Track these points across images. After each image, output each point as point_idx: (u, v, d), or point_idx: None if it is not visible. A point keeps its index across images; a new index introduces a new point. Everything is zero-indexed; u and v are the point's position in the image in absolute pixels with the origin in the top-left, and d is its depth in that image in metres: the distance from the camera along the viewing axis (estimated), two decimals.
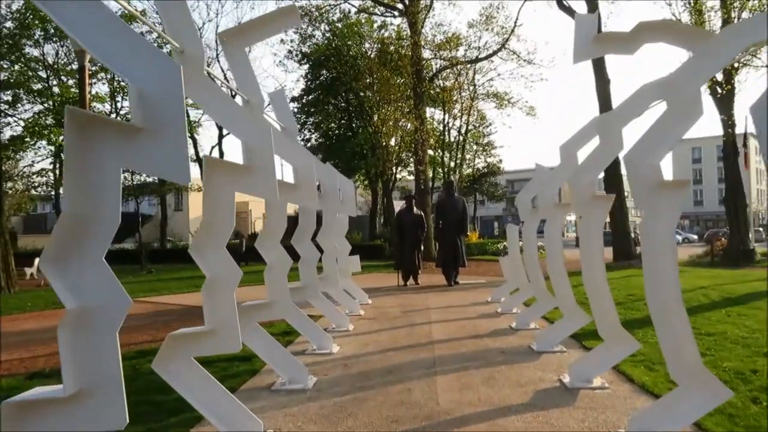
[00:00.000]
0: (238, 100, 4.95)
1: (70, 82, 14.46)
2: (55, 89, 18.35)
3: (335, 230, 9.06)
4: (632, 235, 19.85)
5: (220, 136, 26.53)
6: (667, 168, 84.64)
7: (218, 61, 25.49)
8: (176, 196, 50.69)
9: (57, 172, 18.30)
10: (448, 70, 26.22)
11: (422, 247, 14.02)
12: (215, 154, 27.11)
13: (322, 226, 7.65)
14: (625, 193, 20.31)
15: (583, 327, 6.07)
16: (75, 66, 15.90)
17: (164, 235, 31.67)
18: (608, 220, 18.50)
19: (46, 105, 18.83)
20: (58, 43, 16.77)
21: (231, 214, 3.60)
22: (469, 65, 26.43)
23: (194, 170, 28.03)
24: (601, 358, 4.77)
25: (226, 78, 24.04)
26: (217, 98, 3.64)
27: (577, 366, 4.85)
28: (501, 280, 14.01)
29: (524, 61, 25.26)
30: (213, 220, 3.55)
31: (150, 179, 30.22)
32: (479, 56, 25.81)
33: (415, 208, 13.71)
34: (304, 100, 33.58)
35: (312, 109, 33.86)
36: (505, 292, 10.30)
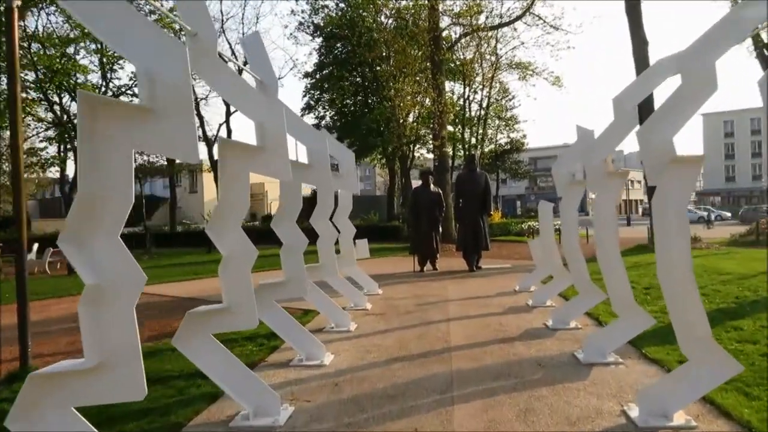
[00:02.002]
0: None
1: (51, 51, 13.33)
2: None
3: (338, 210, 7.77)
4: None
5: (228, 113, 25.24)
6: (696, 142, 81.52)
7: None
8: (191, 177, 49.91)
9: (63, 153, 17.13)
10: (468, 38, 24.48)
11: (440, 229, 12.64)
12: (223, 131, 25.91)
13: (317, 205, 6.35)
14: None
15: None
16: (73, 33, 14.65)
17: (174, 217, 30.60)
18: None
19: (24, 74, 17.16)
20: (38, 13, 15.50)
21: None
22: (490, 32, 24.63)
23: (202, 150, 26.91)
24: (686, 384, 3.41)
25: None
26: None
27: (650, 393, 3.50)
28: (528, 264, 12.62)
29: (550, 26, 23.40)
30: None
31: (157, 158, 29.19)
32: (502, 22, 24.01)
33: (432, 185, 12.28)
34: (317, 76, 32.08)
35: (326, 85, 32.39)
36: (535, 280, 8.94)
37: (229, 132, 25.17)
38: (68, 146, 16.85)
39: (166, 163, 28.81)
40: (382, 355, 5.12)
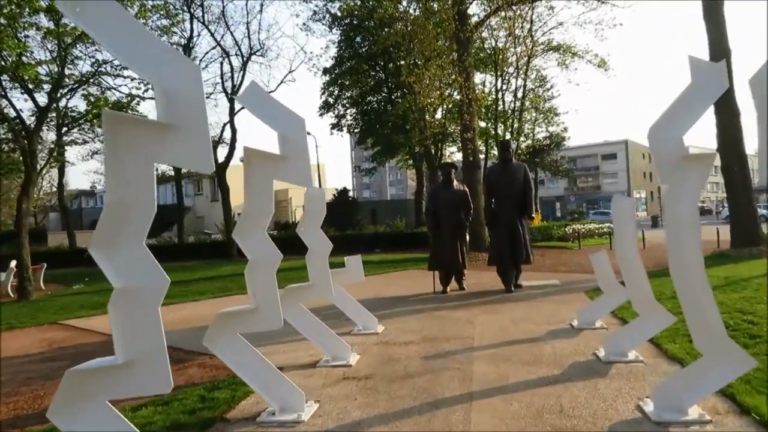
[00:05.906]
0: None
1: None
2: None
3: (306, 216, 5.19)
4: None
5: (231, 112, 22.84)
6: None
7: None
8: (212, 185, 48.19)
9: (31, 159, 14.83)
10: (499, 19, 21.60)
11: (468, 237, 9.93)
12: (227, 130, 23.58)
13: (244, 209, 3.75)
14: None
15: None
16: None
17: (182, 228, 28.43)
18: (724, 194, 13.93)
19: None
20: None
21: None
22: (524, 7, 21.55)
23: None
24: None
25: None
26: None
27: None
28: (582, 279, 9.82)
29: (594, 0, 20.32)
30: None
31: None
32: None
33: (455, 182, 9.56)
34: (336, 71, 29.65)
35: (346, 82, 29.94)
36: (602, 312, 6.19)
37: (234, 132, 22.80)
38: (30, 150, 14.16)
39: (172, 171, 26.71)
40: None
